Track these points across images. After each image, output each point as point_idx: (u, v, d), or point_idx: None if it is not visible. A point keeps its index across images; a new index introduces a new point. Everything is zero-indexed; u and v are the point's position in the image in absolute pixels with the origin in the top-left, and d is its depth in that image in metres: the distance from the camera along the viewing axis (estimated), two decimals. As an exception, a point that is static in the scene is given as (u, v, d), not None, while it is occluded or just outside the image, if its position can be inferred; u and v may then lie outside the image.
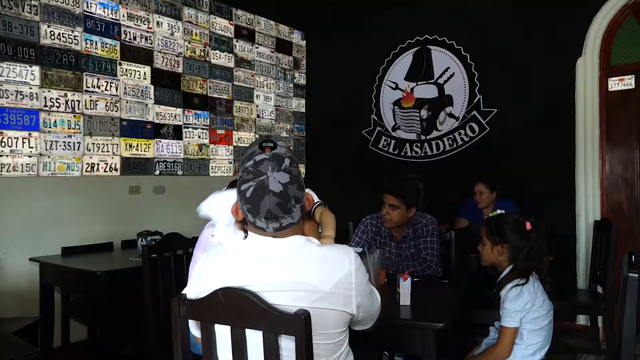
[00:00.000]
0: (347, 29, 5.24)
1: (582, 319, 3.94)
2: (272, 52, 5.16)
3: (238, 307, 1.26)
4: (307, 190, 2.25)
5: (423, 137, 4.75)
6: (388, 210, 2.71)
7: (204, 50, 4.45)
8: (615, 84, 3.86)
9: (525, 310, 1.95)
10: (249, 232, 1.37)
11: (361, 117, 5.13)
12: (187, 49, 4.31)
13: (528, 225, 2.01)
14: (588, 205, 3.91)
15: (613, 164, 3.88)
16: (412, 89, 4.82)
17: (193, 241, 2.56)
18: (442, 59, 4.64)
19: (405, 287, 2.05)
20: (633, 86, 3.79)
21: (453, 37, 4.58)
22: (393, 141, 4.94)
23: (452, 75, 4.58)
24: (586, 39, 3.91)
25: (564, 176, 4.00)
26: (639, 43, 3.78)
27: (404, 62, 4.87)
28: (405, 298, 2.05)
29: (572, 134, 3.98)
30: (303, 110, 5.56)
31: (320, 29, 5.39)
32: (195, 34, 4.38)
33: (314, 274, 1.27)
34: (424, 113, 4.74)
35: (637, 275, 1.75)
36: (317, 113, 5.49)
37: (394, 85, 4.94)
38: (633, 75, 3.79)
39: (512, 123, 4.24)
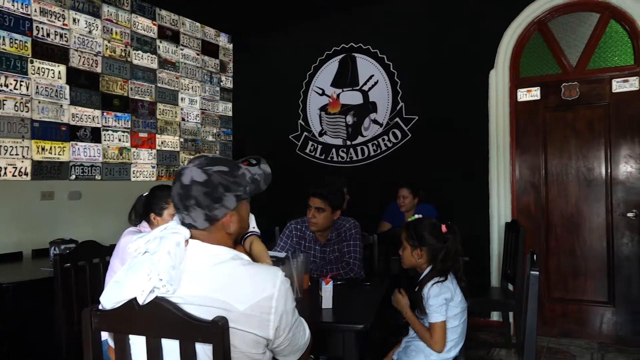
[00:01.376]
0: (274, 34, 5.26)
1: (495, 315, 4.18)
2: (197, 54, 5.07)
3: (154, 316, 1.23)
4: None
5: (349, 143, 4.85)
6: (314, 213, 2.74)
7: (125, 50, 4.29)
8: (524, 95, 4.16)
9: (447, 303, 2.05)
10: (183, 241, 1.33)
11: (288, 122, 5.16)
12: (106, 48, 4.13)
13: (444, 228, 2.12)
14: (500, 208, 4.17)
15: (522, 169, 4.17)
16: (338, 95, 4.91)
17: (110, 249, 2.46)
18: (366, 66, 4.77)
19: (327, 291, 2.08)
20: (539, 97, 4.10)
21: (377, 46, 4.72)
22: (320, 146, 5.01)
23: (376, 83, 4.72)
24: (497, 53, 4.17)
25: (479, 181, 4.24)
26: (544, 57, 4.10)
27: (330, 68, 4.96)
28: (327, 301, 2.09)
29: (486, 141, 4.22)
30: (230, 114, 5.51)
31: (248, 32, 5.37)
32: (116, 33, 4.21)
33: (231, 292, 1.21)
34: (349, 119, 4.85)
35: (537, 272, 1.89)
36: (245, 117, 5.46)
37: (320, 91, 5.01)
38: (539, 87, 4.09)
39: (432, 130, 4.44)
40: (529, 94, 4.13)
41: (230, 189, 1.29)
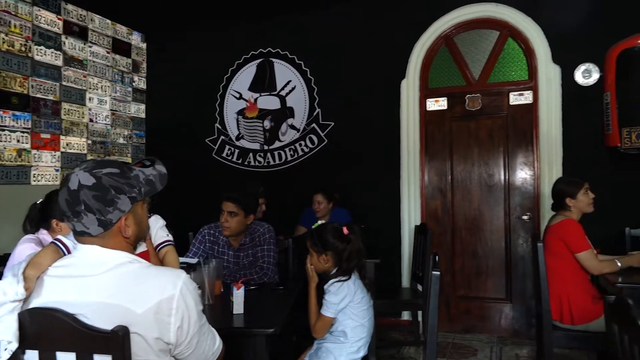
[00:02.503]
0: (191, 35, 5.15)
1: (406, 315, 4.36)
2: (108, 52, 4.84)
3: (47, 328, 1.16)
4: (156, 218, 2.17)
5: (266, 147, 4.85)
6: (227, 217, 2.72)
7: (25, 44, 4.00)
8: (432, 105, 4.39)
9: (343, 304, 2.12)
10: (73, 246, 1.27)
11: (205, 125, 5.07)
12: (3, 42, 3.83)
13: (345, 230, 2.22)
14: (411, 212, 4.36)
15: (430, 175, 4.39)
16: (255, 100, 4.90)
17: (5, 258, 2.29)
18: (284, 72, 4.81)
19: (238, 296, 2.07)
20: (445, 107, 4.34)
21: (295, 52, 4.78)
22: (237, 150, 4.96)
23: (293, 88, 4.77)
24: (408, 64, 4.38)
25: (391, 186, 4.41)
26: (450, 70, 4.35)
27: (248, 72, 4.94)
28: (238, 306, 2.08)
29: (397, 148, 4.40)
30: (143, 115, 5.31)
31: (163, 32, 5.21)
32: (15, 26, 3.92)
33: (128, 295, 1.17)
34: (267, 124, 4.85)
35: (438, 273, 2.01)
36: (159, 119, 5.28)
37: (238, 95, 4.97)
38: (446, 98, 4.34)
39: (348, 136, 4.56)
40: (437, 104, 4.37)
41: (122, 190, 1.24)
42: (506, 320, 4.15)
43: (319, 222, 2.34)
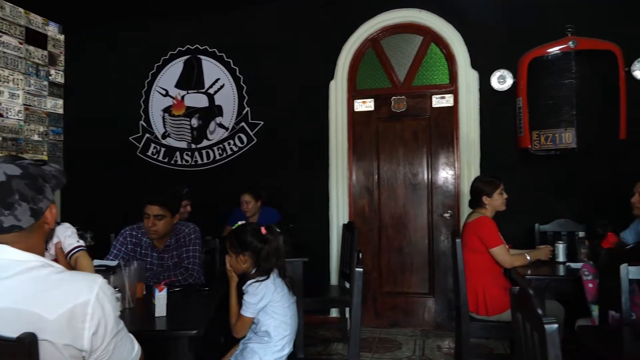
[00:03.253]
0: (114, 28, 4.94)
1: (334, 312, 4.43)
2: (20, 43, 4.53)
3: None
4: (64, 227, 2.06)
5: (194, 146, 4.75)
6: (153, 221, 2.65)
7: None
8: (360, 106, 4.48)
9: (262, 303, 2.13)
10: None
11: (128, 122, 4.87)
12: None
13: (263, 230, 2.24)
14: (339, 211, 4.44)
15: (358, 174, 4.49)
16: (182, 97, 4.78)
17: None
18: (212, 69, 4.73)
19: (160, 298, 2.02)
20: (372, 108, 4.46)
21: (223, 50, 4.71)
22: (163, 149, 4.82)
23: (222, 87, 4.70)
24: (337, 65, 4.45)
25: (320, 185, 4.46)
26: (377, 72, 4.47)
27: (175, 69, 4.81)
28: (160, 309, 2.03)
29: (326, 147, 4.46)
30: (60, 111, 5.02)
31: (83, 24, 4.95)
32: None
33: (40, 300, 1.11)
34: (194, 122, 4.75)
35: (361, 269, 2.06)
36: (79, 116, 5.00)
37: (164, 92, 4.83)
38: (373, 99, 4.46)
39: (277, 136, 4.56)
40: (364, 105, 4.47)
41: (46, 179, 1.25)
42: (429, 313, 4.33)
43: (239, 223, 2.33)
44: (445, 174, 4.32)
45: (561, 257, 3.12)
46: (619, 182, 3.31)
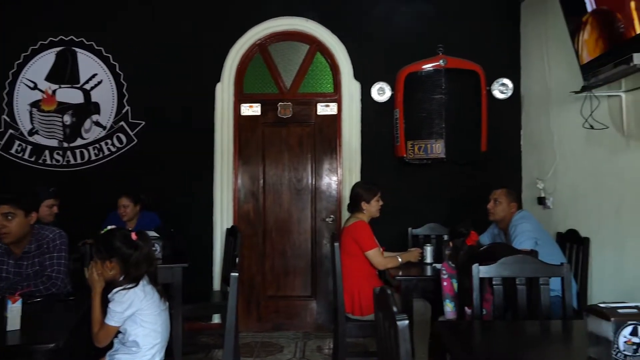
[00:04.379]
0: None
1: (217, 318, 4.36)
2: None
3: None
4: None
5: (66, 145, 4.41)
6: (3, 222, 2.40)
7: None
8: (247, 110, 4.48)
9: (129, 312, 2.05)
10: None
11: (-11, 116, 4.40)
12: None
13: (134, 236, 2.15)
14: (223, 215, 4.38)
15: (244, 178, 4.48)
16: (54, 91, 4.42)
17: None
18: (89, 63, 4.43)
19: (13, 310, 1.85)
20: (259, 113, 4.47)
21: (102, 44, 4.43)
22: (29, 147, 4.41)
23: (100, 83, 4.42)
24: (224, 68, 4.40)
25: (205, 189, 4.37)
26: (264, 77, 4.50)
27: (45, 60, 4.43)
28: (13, 322, 1.86)
29: (212, 151, 4.39)
30: None
31: None
32: None
33: None
34: (67, 119, 4.41)
35: (236, 274, 2.07)
36: None
37: (32, 85, 4.42)
38: (259, 104, 4.47)
39: (160, 137, 4.39)
40: (251, 109, 4.47)
41: None
42: (311, 316, 4.43)
43: (108, 227, 2.22)
44: (328, 180, 4.46)
45: (429, 259, 3.37)
46: (480, 190, 3.65)
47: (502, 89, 4.17)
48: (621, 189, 2.98)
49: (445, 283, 2.68)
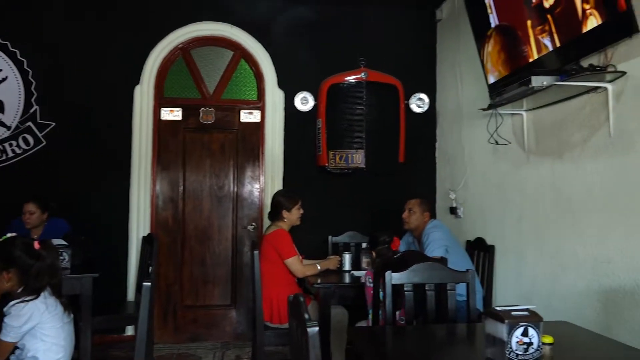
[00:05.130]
0: None
1: (130, 330, 4.18)
2: None
3: None
4: None
5: (-37, 145, 4.06)
6: None
7: None
8: (167, 114, 4.36)
9: (28, 326, 1.93)
10: None
11: None
12: None
13: (36, 245, 2.03)
14: (140, 222, 4.23)
15: (162, 184, 4.35)
16: (-49, 87, 4.07)
17: None
18: (-7, 59, 4.12)
19: None
20: (180, 117, 4.37)
21: (8, 38, 4.14)
22: None
23: (4, 79, 4.12)
24: (144, 70, 4.26)
25: (120, 194, 4.20)
26: (186, 82, 4.41)
27: (-59, 53, 4.07)
28: None
29: (128, 155, 4.22)
30: None
31: None
32: None
33: None
34: (-35, 117, 4.07)
35: (149, 284, 2.01)
36: None
37: None
38: (181, 108, 4.38)
39: (72, 140, 4.16)
40: (172, 114, 4.37)
41: None
42: (231, 325, 4.37)
43: (7, 235, 2.07)
44: (250, 187, 4.44)
45: (347, 266, 3.45)
46: (397, 199, 3.80)
47: (419, 103, 4.37)
48: (522, 201, 3.22)
49: (372, 291, 2.75)
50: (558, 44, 2.58)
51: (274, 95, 4.41)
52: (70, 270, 3.12)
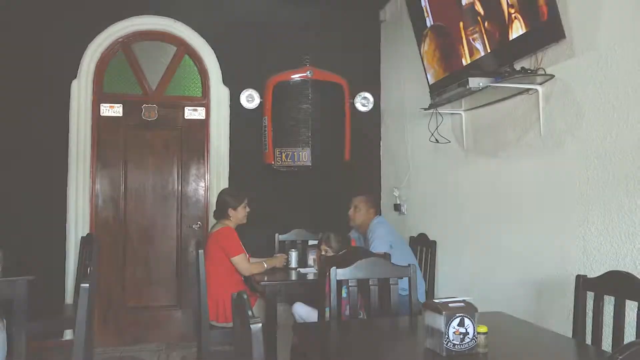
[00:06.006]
0: None
1: (69, 334, 4.01)
2: None
3: None
4: None
5: None
6: None
7: None
8: (107, 110, 4.22)
9: None
10: None
11: None
12: None
13: None
14: (78, 222, 4.07)
15: (103, 183, 4.20)
16: None
17: None
18: None
19: None
20: (121, 114, 4.24)
21: None
22: None
23: None
24: (81, 64, 4.10)
25: (56, 194, 4.02)
26: (127, 77, 4.28)
27: None
28: None
29: (65, 152, 4.05)
30: None
31: None
32: None
33: None
34: None
35: (87, 285, 1.94)
36: None
37: None
38: (122, 105, 4.24)
39: (4, 135, 3.93)
40: (112, 110, 4.22)
41: None
42: (176, 325, 4.29)
43: None
44: (195, 185, 4.37)
45: (293, 264, 3.47)
46: (343, 197, 3.86)
47: (364, 102, 4.44)
48: (461, 198, 3.36)
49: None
50: (489, 49, 2.72)
51: (219, 92, 4.35)
52: (0, 274, 2.96)
